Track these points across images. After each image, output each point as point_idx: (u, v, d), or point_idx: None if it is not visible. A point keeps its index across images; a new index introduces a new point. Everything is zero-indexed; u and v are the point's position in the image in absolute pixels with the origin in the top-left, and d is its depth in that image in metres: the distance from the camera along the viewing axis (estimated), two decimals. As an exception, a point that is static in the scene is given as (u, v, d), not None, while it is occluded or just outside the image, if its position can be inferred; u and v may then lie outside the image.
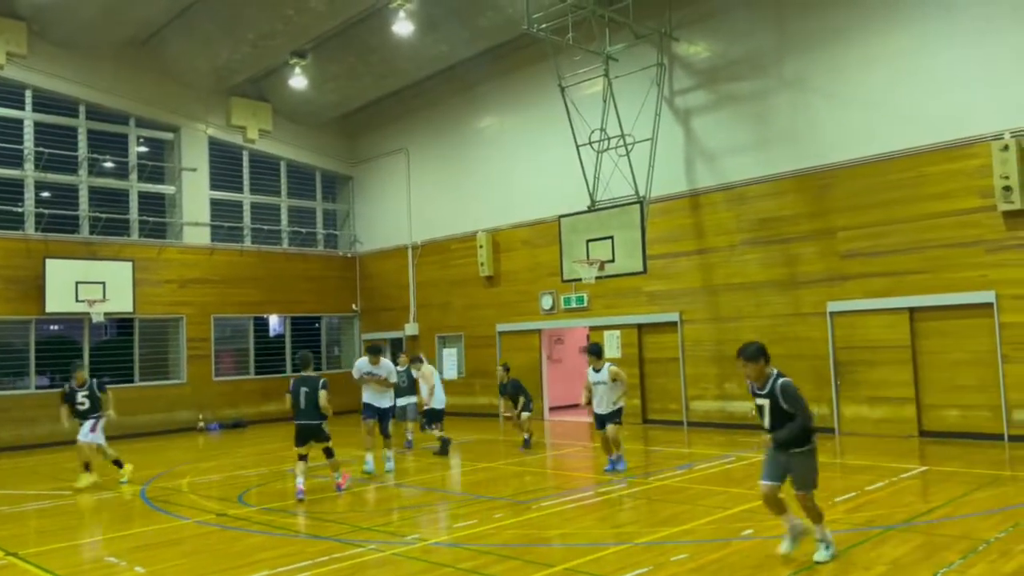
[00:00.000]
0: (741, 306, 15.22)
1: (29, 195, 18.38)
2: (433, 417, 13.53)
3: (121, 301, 18.60)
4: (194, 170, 20.80)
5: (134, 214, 19.98)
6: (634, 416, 16.02)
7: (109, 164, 19.89)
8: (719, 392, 15.48)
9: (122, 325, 19.67)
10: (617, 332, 17.04)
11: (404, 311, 22.16)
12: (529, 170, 18.93)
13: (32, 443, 17.04)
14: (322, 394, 9.74)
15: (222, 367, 21.03)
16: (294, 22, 17.33)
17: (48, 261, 17.75)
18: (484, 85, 20.10)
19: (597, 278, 15.11)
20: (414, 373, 13.96)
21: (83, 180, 19.20)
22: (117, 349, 19.57)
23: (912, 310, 13.08)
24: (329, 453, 10.09)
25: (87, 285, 18.12)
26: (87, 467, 11.51)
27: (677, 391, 16.13)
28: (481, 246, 19.79)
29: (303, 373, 10.08)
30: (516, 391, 13.76)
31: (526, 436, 13.64)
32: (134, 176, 20.13)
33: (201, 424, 19.88)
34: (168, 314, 20.02)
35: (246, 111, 21.72)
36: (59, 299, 17.78)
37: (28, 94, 18.45)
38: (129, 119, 20.06)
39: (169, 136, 20.82)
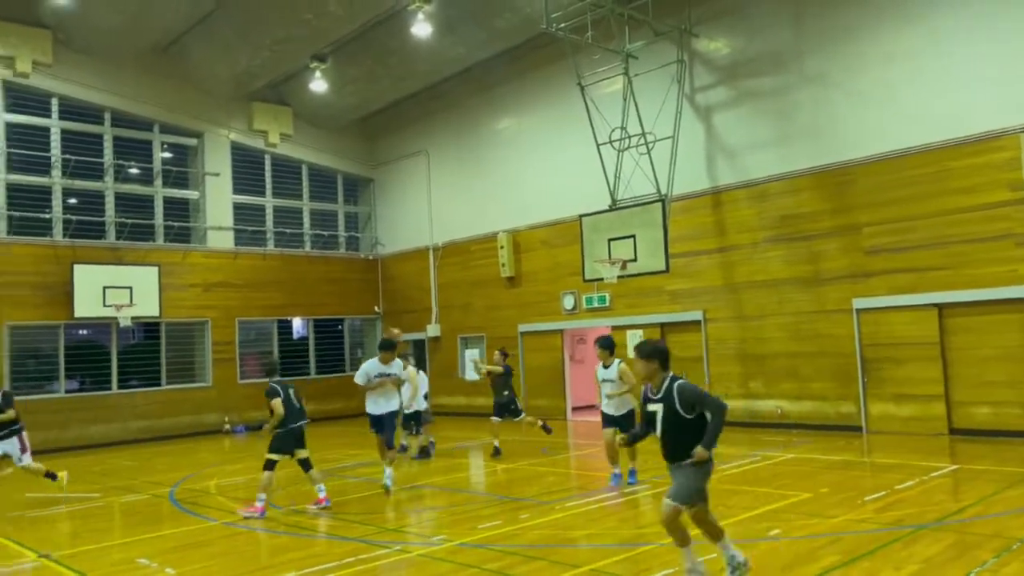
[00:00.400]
0: (764, 304, 15.11)
1: (57, 202, 18.66)
2: (417, 420, 13.05)
3: (148, 305, 18.84)
4: (217, 175, 21.01)
5: (159, 219, 20.22)
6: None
7: (134, 170, 20.15)
8: (744, 391, 15.37)
9: (149, 329, 19.90)
10: (640, 331, 16.97)
11: (426, 312, 22.23)
12: (548, 170, 18.92)
13: (63, 446, 17.30)
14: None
15: (247, 370, 21.21)
16: (313, 26, 17.44)
17: (76, 267, 18.02)
18: (502, 86, 20.12)
19: (619, 277, 15.06)
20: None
21: (109, 186, 19.46)
22: (144, 353, 19.80)
23: (940, 306, 12.91)
24: (309, 464, 9.54)
25: (114, 290, 18.37)
26: None
27: (701, 390, 16.01)
28: (502, 247, 19.81)
29: (277, 378, 9.86)
30: (508, 378, 13.40)
31: (496, 443, 13.17)
32: (159, 182, 20.37)
33: (227, 427, 20.07)
34: (193, 318, 20.24)
35: (267, 115, 21.90)
36: (87, 304, 18.04)
37: (54, 102, 18.73)
38: (153, 125, 20.30)
39: (193, 142, 21.05)
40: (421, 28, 17.00)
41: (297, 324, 22.85)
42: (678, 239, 15.72)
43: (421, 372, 13.98)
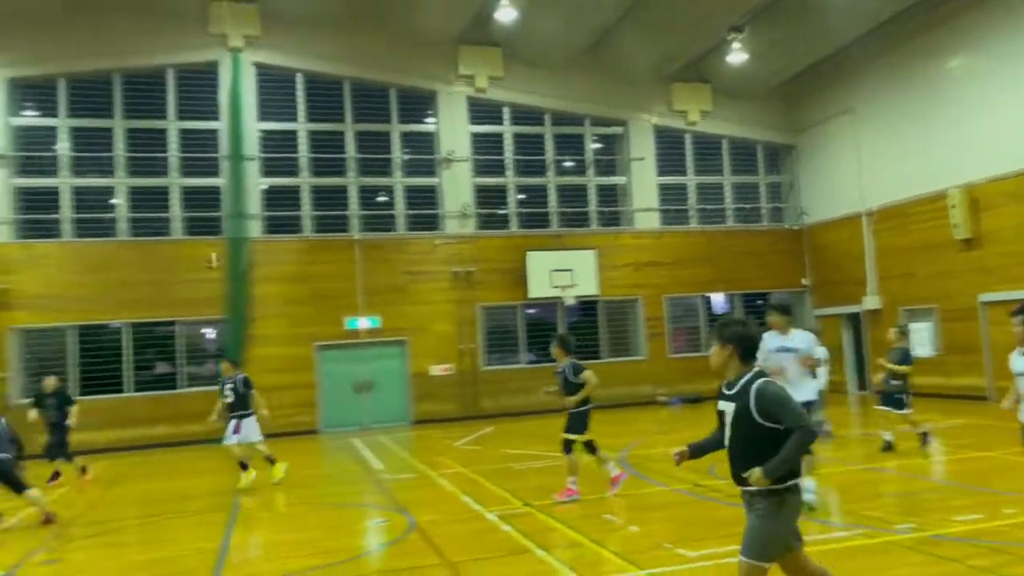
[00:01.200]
0: None
1: (511, 198, 21.44)
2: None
3: (587, 286, 20.67)
4: (642, 159, 22.10)
5: (593, 206, 22.00)
6: None
7: (569, 163, 22.21)
8: None
9: (587, 307, 21.78)
10: None
11: (859, 284, 20.64)
12: (1013, 112, 16.13)
13: (526, 410, 19.90)
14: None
15: (676, 344, 22.03)
16: (731, -2, 17.30)
17: (528, 253, 20.51)
18: (946, 25, 17.67)
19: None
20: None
21: (551, 180, 21.74)
22: (585, 329, 21.74)
23: None
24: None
25: (558, 272, 20.49)
26: (243, 466, 11.32)
27: None
28: (953, 206, 17.46)
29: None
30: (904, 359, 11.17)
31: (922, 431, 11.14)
32: (591, 171, 22.15)
33: (661, 398, 21.09)
34: (626, 296, 21.64)
35: (686, 95, 22.36)
36: (538, 286, 20.44)
37: (506, 111, 21.49)
38: (584, 120, 22.11)
39: (619, 130, 22.44)
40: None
41: (717, 300, 22.97)
42: None
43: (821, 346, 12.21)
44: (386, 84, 20.66)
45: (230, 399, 11.55)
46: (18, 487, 9.40)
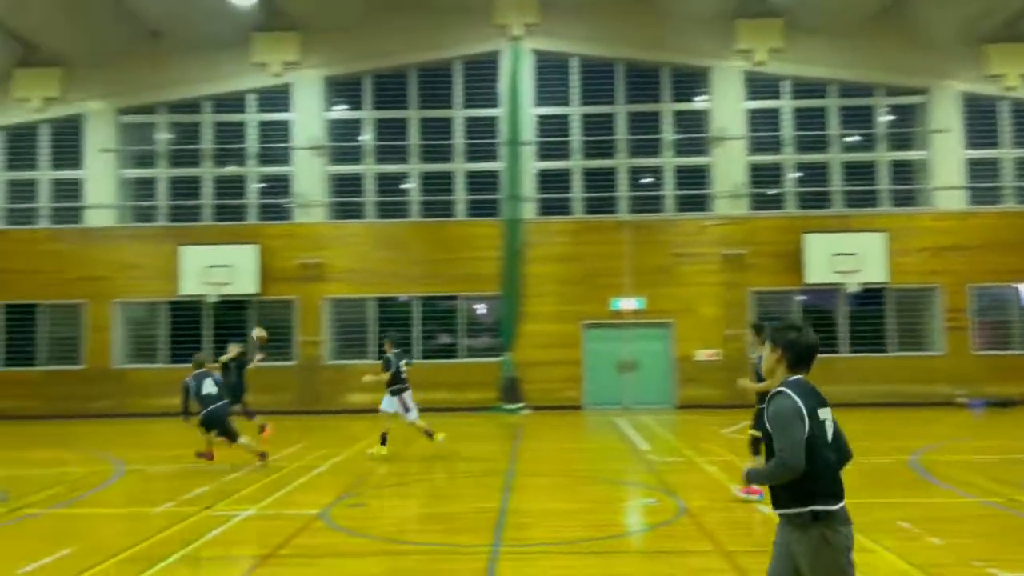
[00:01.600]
0: None
1: (787, 177, 20.22)
2: None
3: (874, 271, 18.93)
4: (946, 131, 19.70)
5: (883, 184, 20.07)
6: None
7: (855, 138, 20.41)
8: None
9: (872, 295, 19.95)
10: None
11: None
12: None
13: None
14: None
15: (981, 339, 19.46)
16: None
17: (806, 236, 19.22)
18: None
19: None
20: None
21: (834, 157, 20.16)
22: (868, 318, 19.96)
23: None
24: None
25: (841, 257, 18.95)
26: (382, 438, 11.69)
27: None
28: None
29: None
30: None
31: None
32: (882, 146, 20.19)
33: (961, 399, 18.79)
34: (921, 283, 19.50)
35: (1004, 57, 19.56)
36: (816, 271, 19.10)
37: (786, 84, 20.27)
38: (874, 90, 20.19)
39: (917, 100, 20.20)
40: None
41: (1032, 291, 19.86)
42: None
43: None
44: (658, 64, 20.44)
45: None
46: (231, 435, 10.67)
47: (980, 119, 20.06)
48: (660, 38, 20.17)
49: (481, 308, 20.74)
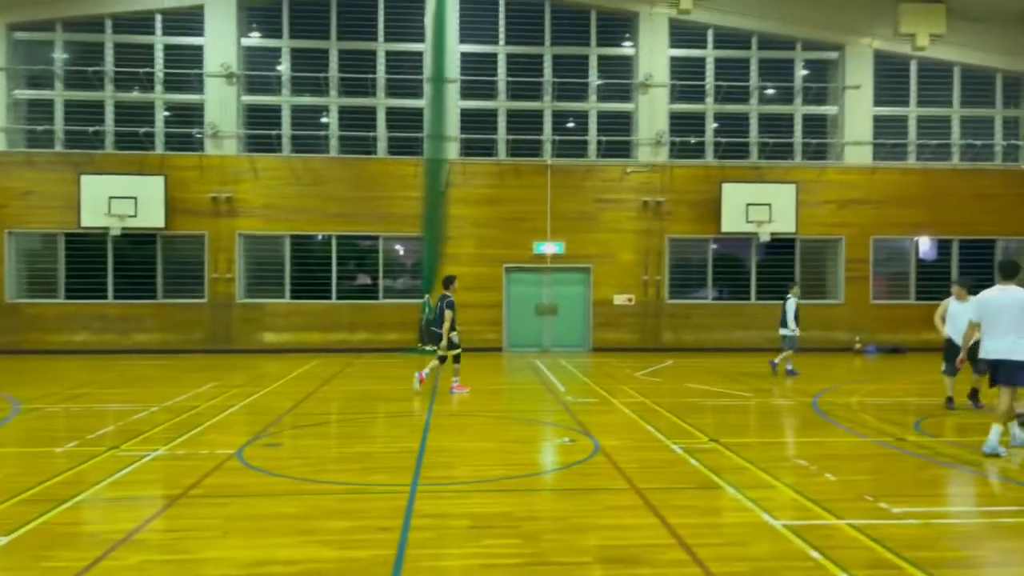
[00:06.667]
0: None
1: (708, 127, 20.51)
2: None
3: (785, 222, 19.57)
4: (858, 87, 20.31)
5: (798, 137, 20.61)
6: None
7: (773, 91, 20.82)
8: None
9: (782, 245, 20.66)
10: None
11: (1112, 235, 18.09)
12: None
13: (708, 346, 19.48)
14: None
15: (878, 290, 20.51)
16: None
17: (724, 186, 19.66)
18: None
19: None
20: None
21: (753, 108, 20.54)
22: (778, 268, 20.71)
23: None
24: None
25: (755, 207, 19.52)
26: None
27: None
28: None
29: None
30: None
31: None
32: (798, 100, 20.68)
33: (857, 346, 19.84)
34: (827, 235, 20.30)
35: (916, 16, 20.15)
36: (732, 220, 19.61)
37: (710, 33, 20.40)
38: (795, 43, 20.56)
39: (833, 55, 20.70)
40: None
41: (924, 245, 20.99)
42: None
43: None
44: (587, 6, 20.22)
45: None
46: None
47: (890, 77, 20.75)
48: (589, -21, 19.94)
49: (400, 249, 20.50)
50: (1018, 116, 21.16)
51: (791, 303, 14.83)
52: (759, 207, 19.48)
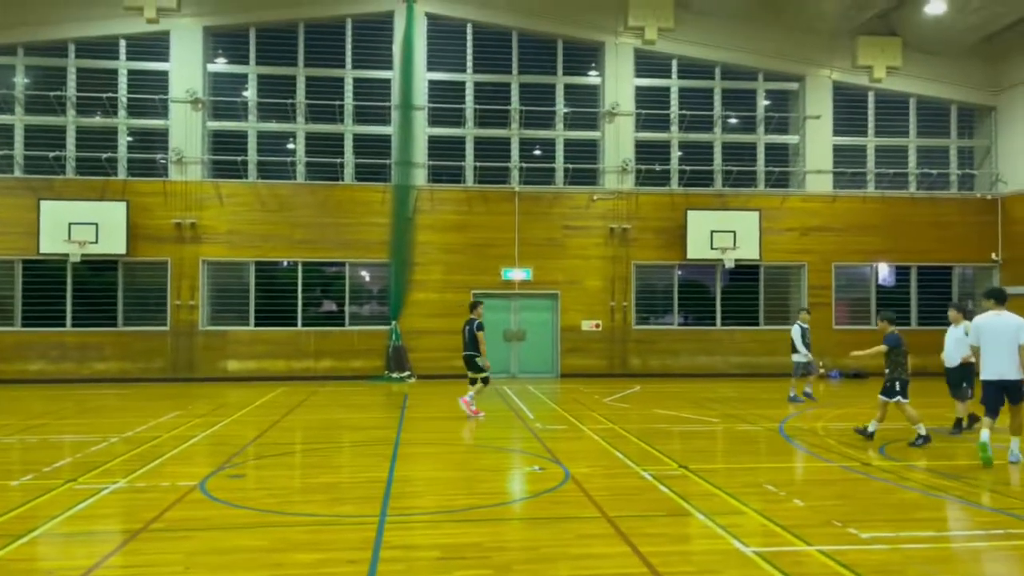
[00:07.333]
0: None
1: (674, 155, 20.80)
2: None
3: (749, 249, 19.85)
4: (818, 117, 20.80)
5: (760, 165, 21.00)
6: None
7: (737, 120, 21.23)
8: None
9: (747, 271, 20.89)
10: None
11: (1063, 262, 18.63)
12: None
13: (675, 372, 19.59)
14: None
15: (840, 315, 20.85)
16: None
17: (689, 213, 19.91)
18: None
19: None
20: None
21: (717, 137, 20.91)
22: (742, 294, 20.98)
23: None
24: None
25: (720, 234, 19.79)
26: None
27: None
28: None
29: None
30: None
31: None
32: (760, 129, 21.09)
33: (821, 370, 20.09)
34: (790, 261, 20.63)
35: (873, 49, 20.74)
36: (697, 247, 19.84)
37: (674, 64, 20.77)
38: (757, 74, 21.01)
39: (793, 86, 21.19)
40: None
41: (884, 271, 21.44)
42: None
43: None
44: (553, 35, 20.49)
45: None
46: None
47: (849, 108, 21.29)
48: (556, 9, 20.21)
49: (367, 275, 20.38)
50: (972, 146, 21.81)
51: (796, 329, 14.96)
52: (723, 234, 19.75)
